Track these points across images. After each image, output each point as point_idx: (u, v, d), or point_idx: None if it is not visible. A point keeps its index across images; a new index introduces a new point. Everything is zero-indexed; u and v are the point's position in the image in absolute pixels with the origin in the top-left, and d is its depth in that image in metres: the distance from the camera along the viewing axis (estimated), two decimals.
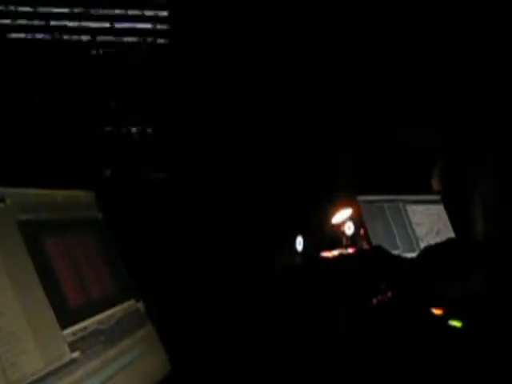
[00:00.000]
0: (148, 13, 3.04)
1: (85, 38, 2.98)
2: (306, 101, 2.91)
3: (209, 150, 2.76)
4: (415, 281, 1.58)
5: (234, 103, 2.85)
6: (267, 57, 2.84)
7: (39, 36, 2.92)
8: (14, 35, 2.85)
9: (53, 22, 2.94)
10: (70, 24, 2.96)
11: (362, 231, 2.75)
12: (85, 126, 2.75)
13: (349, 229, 2.88)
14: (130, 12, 3.06)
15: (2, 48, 2.53)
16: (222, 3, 2.90)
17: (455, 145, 2.68)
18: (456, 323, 1.35)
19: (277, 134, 2.82)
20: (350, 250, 2.63)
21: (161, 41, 3.04)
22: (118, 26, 3.04)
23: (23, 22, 2.90)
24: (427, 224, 2.43)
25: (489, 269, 1.50)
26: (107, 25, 3.03)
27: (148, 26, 3.04)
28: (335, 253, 2.64)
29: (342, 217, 2.84)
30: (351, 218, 2.85)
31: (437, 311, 1.42)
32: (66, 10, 2.97)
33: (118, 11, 3.05)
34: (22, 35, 2.88)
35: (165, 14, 3.04)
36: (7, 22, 2.86)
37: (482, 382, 1.19)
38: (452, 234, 2.42)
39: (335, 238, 2.84)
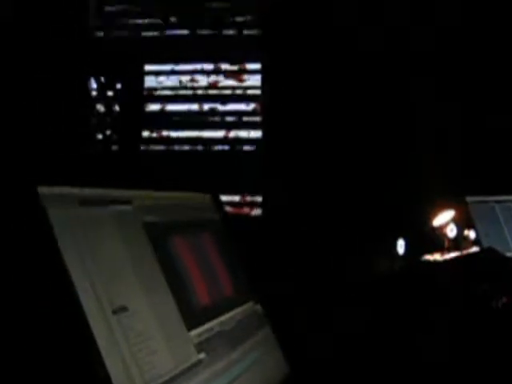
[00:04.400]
0: None
1: None
2: (401, 102, 2.85)
3: (308, 152, 2.74)
4: None
5: (328, 106, 2.82)
6: (354, 62, 2.80)
7: None
8: None
9: None
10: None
11: (468, 233, 2.67)
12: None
13: (451, 231, 2.80)
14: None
15: None
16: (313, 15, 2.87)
17: None
18: None
19: (377, 135, 2.77)
20: (456, 253, 2.56)
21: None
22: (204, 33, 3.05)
23: None
24: None
25: None
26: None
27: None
28: (440, 256, 2.57)
29: (444, 219, 2.76)
30: (454, 220, 2.77)
31: None
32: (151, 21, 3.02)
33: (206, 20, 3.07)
34: None
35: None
36: None
37: None
38: None
39: (436, 240, 2.77)
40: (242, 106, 2.97)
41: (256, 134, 2.94)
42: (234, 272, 1.24)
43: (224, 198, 2.13)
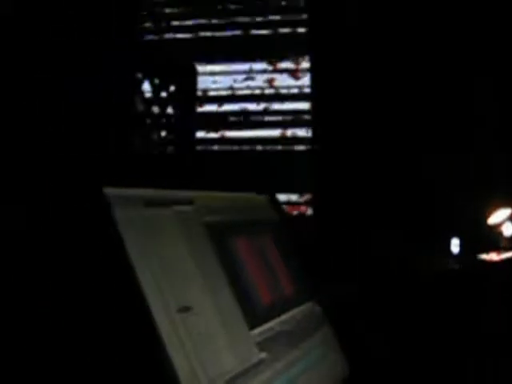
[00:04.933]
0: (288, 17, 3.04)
1: None
2: (458, 99, 2.81)
3: (360, 150, 2.72)
4: None
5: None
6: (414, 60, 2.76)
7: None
8: None
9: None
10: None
11: None
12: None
13: (507, 230, 2.74)
14: (271, 17, 3.07)
15: None
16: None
17: None
18: None
19: (431, 132, 2.74)
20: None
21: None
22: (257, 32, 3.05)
23: None
24: None
25: None
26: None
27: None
28: (496, 255, 2.52)
29: (500, 217, 2.71)
30: (510, 219, 2.72)
31: None
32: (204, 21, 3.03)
33: (258, 19, 3.07)
34: None
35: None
36: None
37: None
38: None
39: (492, 239, 2.72)
40: (298, 105, 2.97)
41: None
42: (293, 272, 1.25)
43: (281, 197, 2.13)
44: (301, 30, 2.98)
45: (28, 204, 0.87)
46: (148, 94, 1.99)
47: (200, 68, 2.52)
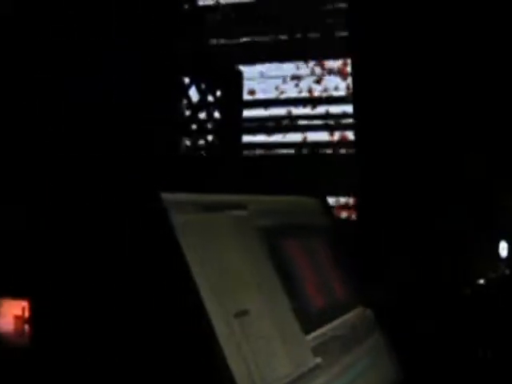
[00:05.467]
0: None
1: None
2: (503, 99, 2.76)
3: (405, 152, 2.70)
4: None
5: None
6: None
7: None
8: None
9: None
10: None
11: None
12: None
13: None
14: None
15: None
16: None
17: None
18: None
19: (481, 134, 2.70)
20: None
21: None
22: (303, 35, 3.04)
23: None
24: None
25: None
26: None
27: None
28: None
29: None
30: None
31: None
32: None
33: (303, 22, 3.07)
34: None
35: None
36: None
37: None
38: None
39: None
40: (347, 108, 2.96)
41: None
42: (343, 276, 1.24)
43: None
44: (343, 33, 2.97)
45: (86, 209, 0.88)
46: (195, 99, 2.00)
47: (245, 70, 2.53)
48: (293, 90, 2.92)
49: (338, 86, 2.95)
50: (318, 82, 2.93)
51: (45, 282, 0.94)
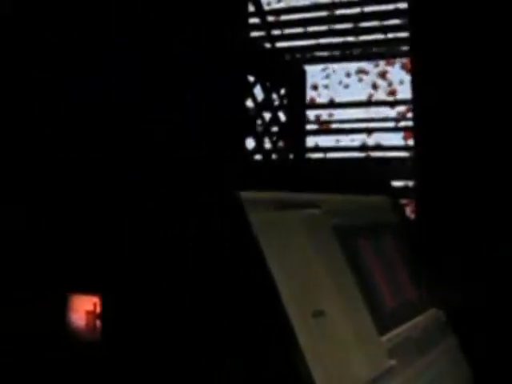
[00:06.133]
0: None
1: None
2: None
3: (465, 154, 2.64)
4: None
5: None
6: None
7: None
8: None
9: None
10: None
11: None
12: None
13: None
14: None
15: None
16: None
17: None
18: None
19: None
20: None
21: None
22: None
23: None
24: None
25: None
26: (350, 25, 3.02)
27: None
28: None
29: None
30: None
31: None
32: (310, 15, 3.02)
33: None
34: None
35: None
36: None
37: None
38: None
39: None
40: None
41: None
42: (415, 277, 1.21)
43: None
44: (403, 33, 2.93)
45: (162, 206, 0.89)
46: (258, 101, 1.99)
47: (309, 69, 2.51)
48: (356, 85, 2.89)
49: (404, 79, 2.91)
50: (383, 76, 2.89)
51: (116, 278, 0.94)
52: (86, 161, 1.17)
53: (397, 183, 2.70)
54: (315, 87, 2.79)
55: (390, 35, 2.92)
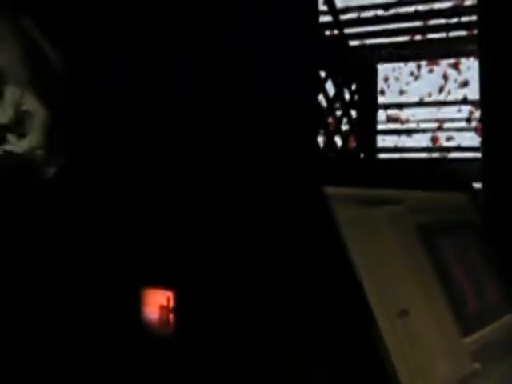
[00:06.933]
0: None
1: None
2: None
3: None
4: None
5: None
6: None
7: None
8: None
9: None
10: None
11: None
12: None
13: None
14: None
15: None
16: None
17: None
18: None
19: None
20: None
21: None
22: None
23: None
24: None
25: None
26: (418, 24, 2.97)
27: None
28: None
29: None
30: None
31: None
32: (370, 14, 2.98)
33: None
34: None
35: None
36: None
37: None
38: None
39: None
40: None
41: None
42: (498, 277, 1.17)
43: None
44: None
45: (243, 203, 0.88)
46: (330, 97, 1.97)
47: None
48: (426, 77, 2.82)
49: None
50: (455, 66, 2.82)
51: (191, 273, 0.94)
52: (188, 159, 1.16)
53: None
54: (386, 79, 2.74)
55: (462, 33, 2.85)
